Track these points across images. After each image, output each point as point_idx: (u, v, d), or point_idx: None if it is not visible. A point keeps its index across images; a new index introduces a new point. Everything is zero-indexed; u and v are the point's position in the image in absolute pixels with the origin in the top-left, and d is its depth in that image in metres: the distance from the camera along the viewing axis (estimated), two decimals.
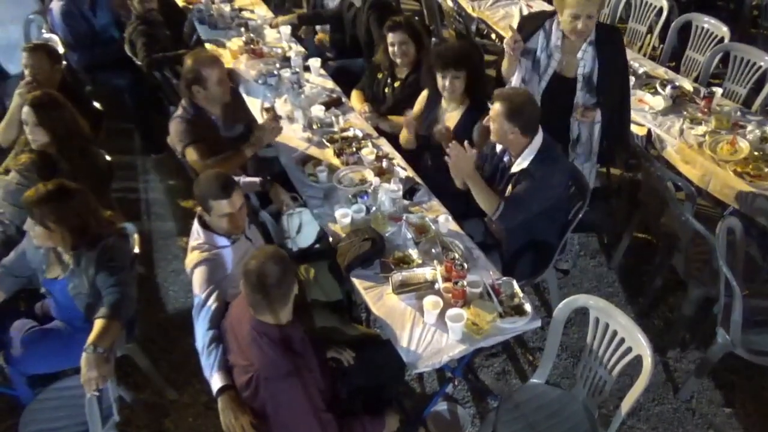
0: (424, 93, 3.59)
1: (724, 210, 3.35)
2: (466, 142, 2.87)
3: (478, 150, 3.09)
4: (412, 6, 6.27)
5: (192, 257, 2.63)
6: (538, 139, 2.92)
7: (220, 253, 2.64)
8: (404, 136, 3.57)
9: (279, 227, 3.25)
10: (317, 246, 3.24)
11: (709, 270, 3.02)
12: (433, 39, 4.55)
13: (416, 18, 5.30)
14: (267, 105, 3.89)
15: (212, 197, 2.58)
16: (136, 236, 3.03)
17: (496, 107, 2.86)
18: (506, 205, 2.90)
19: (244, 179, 3.22)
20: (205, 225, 2.68)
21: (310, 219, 3.19)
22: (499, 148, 3.07)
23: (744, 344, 2.82)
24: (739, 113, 3.72)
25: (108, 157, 3.48)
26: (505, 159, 3.05)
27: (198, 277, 2.58)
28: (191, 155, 3.28)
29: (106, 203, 3.02)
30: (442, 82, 3.34)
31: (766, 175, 3.26)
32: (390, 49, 3.76)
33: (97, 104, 4.01)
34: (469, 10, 5.24)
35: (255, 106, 3.95)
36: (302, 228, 3.21)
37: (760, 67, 4.04)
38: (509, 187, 2.98)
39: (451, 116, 3.43)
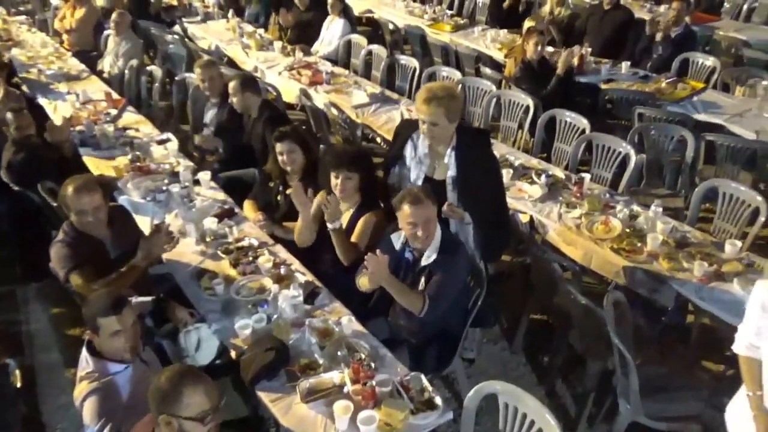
0: (321, 194, 3.65)
1: (609, 285, 3.56)
2: (378, 251, 2.92)
3: None
4: (299, 116, 6.48)
5: (81, 388, 2.45)
6: (439, 230, 3.05)
7: (113, 381, 2.47)
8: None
9: (176, 346, 3.10)
10: (218, 362, 3.10)
11: (603, 344, 3.16)
12: (321, 146, 4.70)
13: (303, 127, 5.50)
14: (157, 222, 3.80)
15: (101, 315, 2.45)
16: (17, 372, 2.79)
17: (419, 208, 2.96)
18: (431, 300, 2.97)
19: (135, 299, 3.08)
20: (94, 352, 2.52)
21: (209, 334, 3.07)
22: (398, 245, 3.15)
23: (646, 412, 2.93)
24: (607, 195, 4.05)
25: None
26: (407, 255, 3.13)
27: (89, 409, 2.39)
28: (76, 280, 3.13)
29: None
30: (335, 181, 3.43)
31: (639, 249, 3.53)
32: (279, 157, 3.84)
33: None
34: (354, 117, 5.48)
35: (145, 224, 3.86)
36: (201, 344, 3.07)
37: (620, 152, 4.46)
38: (422, 281, 3.05)
39: (345, 216, 3.50)
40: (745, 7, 7.89)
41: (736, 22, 7.56)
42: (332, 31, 7.16)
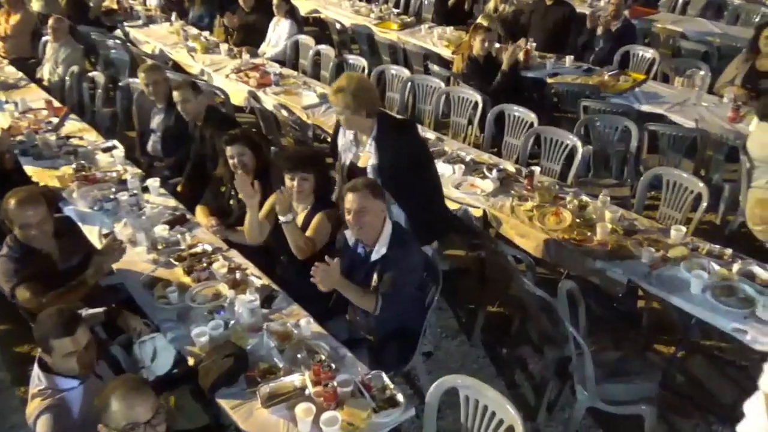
0: (275, 194, 3.62)
1: (562, 275, 3.64)
2: (326, 257, 2.91)
3: None
4: (248, 119, 6.40)
5: (33, 406, 2.38)
6: (389, 224, 3.06)
7: (66, 398, 2.41)
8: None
9: (131, 358, 3.03)
10: (175, 371, 3.04)
11: (558, 332, 3.23)
12: (273, 148, 4.66)
13: (254, 129, 5.43)
14: (105, 231, 3.71)
15: (54, 336, 2.37)
16: None
17: (353, 196, 2.97)
18: (384, 298, 2.97)
19: (87, 312, 3.00)
20: (46, 368, 2.44)
21: (165, 344, 3.00)
22: (351, 240, 3.15)
23: (602, 396, 3.00)
24: (557, 187, 4.14)
25: None
26: (359, 250, 3.13)
27: (42, 427, 2.33)
28: (23, 295, 3.03)
29: None
30: (291, 183, 3.41)
31: (589, 238, 3.61)
32: (230, 161, 3.79)
33: None
34: (305, 118, 5.45)
35: (93, 233, 3.76)
36: (157, 354, 3.00)
37: (567, 145, 4.56)
38: (375, 277, 3.06)
39: (300, 216, 3.49)
40: (681, 0, 8.15)
41: (673, 15, 7.80)
42: (279, 33, 7.11)
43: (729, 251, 3.42)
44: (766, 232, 3.96)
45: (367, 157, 3.52)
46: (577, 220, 3.76)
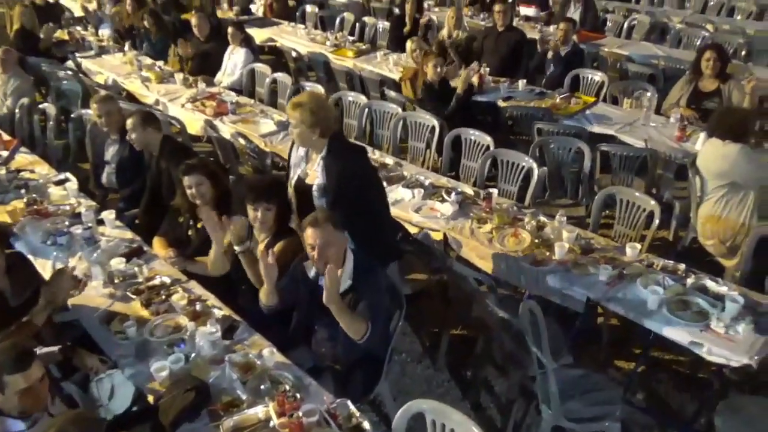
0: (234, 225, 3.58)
1: (523, 295, 3.68)
2: (330, 266, 2.87)
3: None
4: (205, 148, 6.35)
5: None
6: (351, 254, 3.06)
7: None
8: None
9: (88, 396, 2.94)
10: (135, 409, 2.96)
11: (522, 352, 3.26)
12: (231, 176, 4.62)
13: (212, 158, 5.39)
14: (59, 266, 3.61)
15: (6, 372, 2.29)
16: None
17: (313, 231, 2.95)
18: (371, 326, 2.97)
19: (40, 350, 2.89)
20: None
21: (123, 380, 2.93)
22: (311, 273, 3.13)
23: (566, 415, 3.03)
24: (515, 208, 4.21)
25: None
26: (321, 283, 3.11)
27: None
28: None
29: None
30: (254, 214, 3.38)
31: (548, 258, 3.67)
32: (188, 191, 3.74)
33: None
34: (263, 146, 5.43)
35: (46, 269, 3.65)
36: (115, 392, 2.92)
37: (523, 166, 4.64)
38: None
39: (260, 246, 3.46)
40: (626, 25, 8.46)
41: (619, 39, 8.08)
42: (234, 61, 7.09)
43: (682, 266, 3.52)
44: (718, 246, 4.08)
45: (315, 176, 3.57)
46: (536, 240, 3.81)
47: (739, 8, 8.99)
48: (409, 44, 6.32)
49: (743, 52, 7.24)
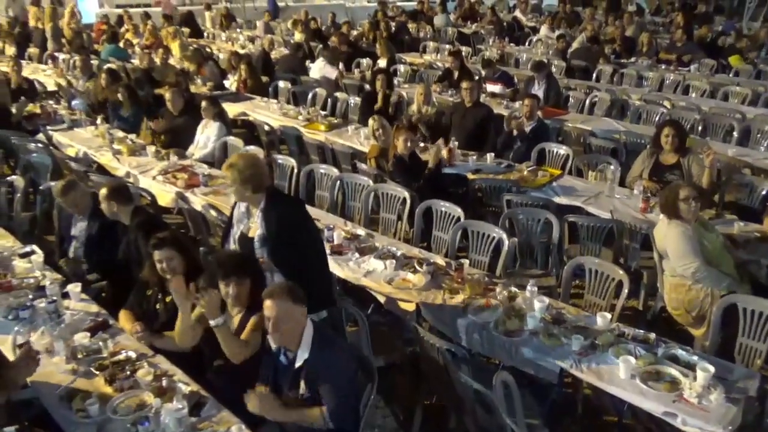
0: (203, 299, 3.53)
1: (497, 365, 3.65)
2: (265, 389, 2.94)
3: None
4: (176, 220, 6.31)
5: None
6: (310, 326, 3.03)
7: None
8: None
9: None
10: None
11: (495, 424, 3.20)
12: (201, 248, 4.58)
13: (182, 231, 5.35)
14: (21, 341, 3.49)
15: None
16: None
17: (271, 303, 2.94)
18: (330, 413, 2.94)
19: None
20: None
21: None
22: (274, 347, 3.09)
23: None
24: (486, 279, 4.23)
25: None
26: (281, 358, 3.07)
27: None
28: None
29: None
30: (227, 290, 3.34)
31: (520, 329, 3.67)
32: (158, 265, 3.69)
33: None
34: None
35: (6, 344, 3.52)
36: None
37: (494, 237, 4.71)
38: (302, 384, 2.99)
39: (235, 320, 3.41)
40: (587, 101, 8.81)
41: (581, 115, 8.38)
42: (207, 134, 7.15)
43: (653, 336, 3.55)
44: (684, 316, 4.14)
45: (256, 228, 3.78)
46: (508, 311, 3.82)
47: (693, 86, 9.45)
48: (371, 122, 6.35)
49: (699, 128, 7.57)
